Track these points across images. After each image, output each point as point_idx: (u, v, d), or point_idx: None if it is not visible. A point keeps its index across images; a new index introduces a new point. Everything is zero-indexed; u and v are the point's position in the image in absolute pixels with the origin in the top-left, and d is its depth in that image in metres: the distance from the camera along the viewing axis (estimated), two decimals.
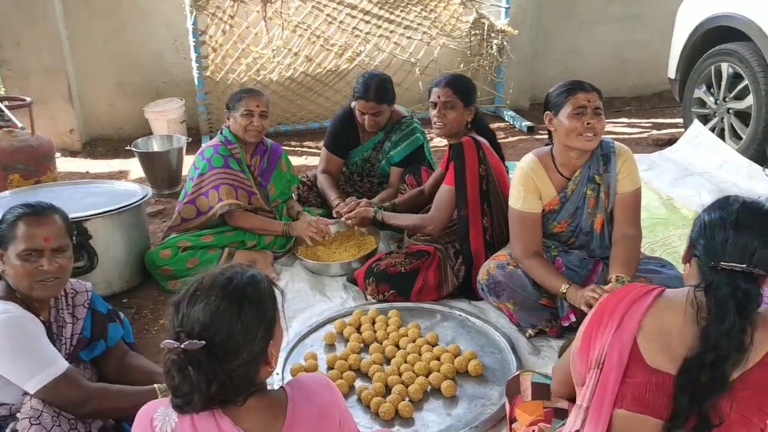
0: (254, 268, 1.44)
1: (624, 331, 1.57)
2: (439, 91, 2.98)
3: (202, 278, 1.39)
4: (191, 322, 1.33)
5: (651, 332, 1.55)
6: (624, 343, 1.55)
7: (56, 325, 2.05)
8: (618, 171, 2.67)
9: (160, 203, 4.25)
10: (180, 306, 1.35)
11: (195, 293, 1.35)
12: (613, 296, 1.67)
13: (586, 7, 6.34)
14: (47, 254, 1.92)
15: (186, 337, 1.31)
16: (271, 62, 5.36)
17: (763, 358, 1.50)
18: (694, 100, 4.82)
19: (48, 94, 5.20)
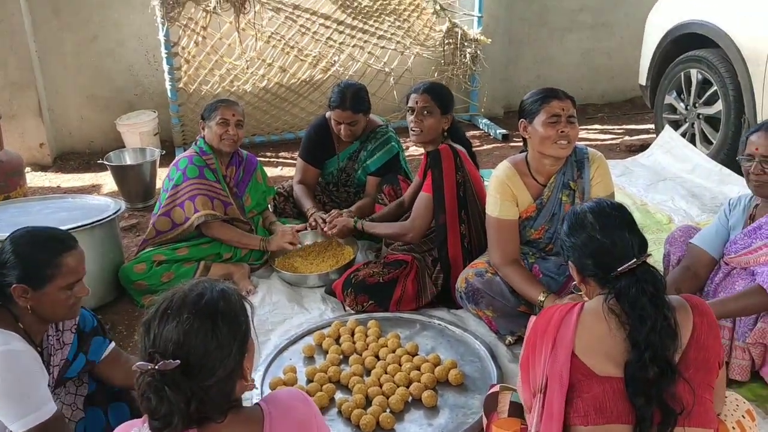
0: (223, 282, 1.42)
1: (559, 352, 1.61)
2: (417, 97, 2.98)
3: (171, 295, 1.36)
4: (164, 342, 1.30)
5: (588, 344, 1.60)
6: (561, 363, 1.60)
7: (46, 352, 2.01)
8: (591, 177, 2.70)
9: (134, 217, 4.19)
10: (151, 326, 1.33)
11: (165, 311, 1.33)
12: (539, 321, 1.72)
13: (557, 15, 6.42)
14: (82, 281, 1.95)
15: (160, 357, 1.28)
16: (245, 73, 5.33)
17: (691, 336, 1.60)
18: (665, 106, 4.89)
19: (17, 109, 5.11)
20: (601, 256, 1.67)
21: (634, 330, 1.56)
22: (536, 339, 1.68)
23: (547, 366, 1.62)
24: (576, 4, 6.42)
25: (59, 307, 1.91)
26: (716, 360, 1.63)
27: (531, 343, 1.70)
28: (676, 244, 2.71)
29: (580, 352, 1.59)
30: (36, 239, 1.92)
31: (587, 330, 1.61)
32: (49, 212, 3.14)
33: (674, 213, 3.86)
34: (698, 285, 2.55)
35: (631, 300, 1.58)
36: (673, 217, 3.80)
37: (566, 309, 1.67)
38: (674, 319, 1.57)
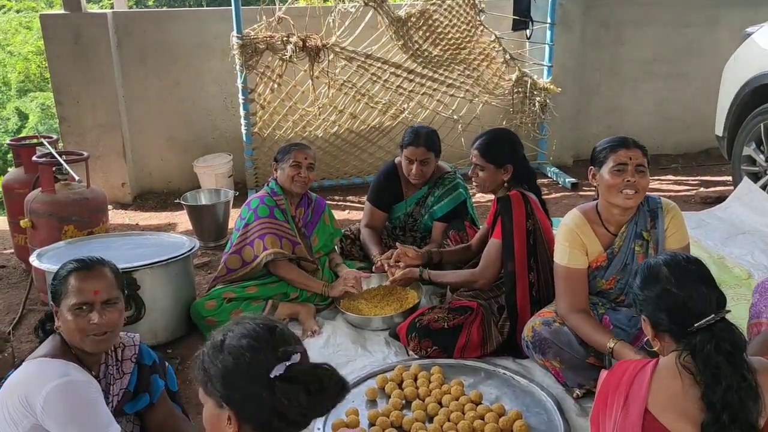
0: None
1: (631, 408, 1.56)
2: (472, 152, 3.07)
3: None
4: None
5: (663, 402, 1.55)
6: (633, 420, 1.55)
7: (105, 381, 2.07)
8: (666, 227, 2.63)
9: (206, 255, 4.32)
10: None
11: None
12: (612, 375, 1.68)
13: (630, 65, 6.37)
14: (97, 307, 1.95)
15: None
16: (317, 119, 5.49)
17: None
18: (743, 157, 4.74)
19: (102, 149, 5.41)
20: (676, 311, 1.62)
21: (708, 389, 1.50)
22: (608, 394, 1.64)
23: (618, 423, 1.57)
24: (649, 54, 6.36)
25: (73, 331, 1.92)
26: None
27: (602, 398, 1.66)
28: (766, 294, 2.57)
29: (655, 409, 1.54)
30: (68, 261, 2.02)
31: (662, 387, 1.56)
32: (129, 248, 3.27)
33: (754, 268, 3.70)
34: None
35: (705, 358, 1.52)
36: (753, 272, 3.64)
37: (640, 364, 1.63)
38: (755, 380, 1.50)
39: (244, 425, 1.35)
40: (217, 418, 1.38)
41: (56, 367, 1.88)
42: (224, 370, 1.36)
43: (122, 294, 2.05)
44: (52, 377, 1.83)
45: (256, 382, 1.34)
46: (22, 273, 4.22)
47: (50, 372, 1.86)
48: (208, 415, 1.42)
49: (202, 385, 1.42)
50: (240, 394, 1.35)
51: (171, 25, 5.56)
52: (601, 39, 6.27)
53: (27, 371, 1.90)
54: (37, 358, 1.93)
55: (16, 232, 4.15)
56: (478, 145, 3.05)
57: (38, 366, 1.90)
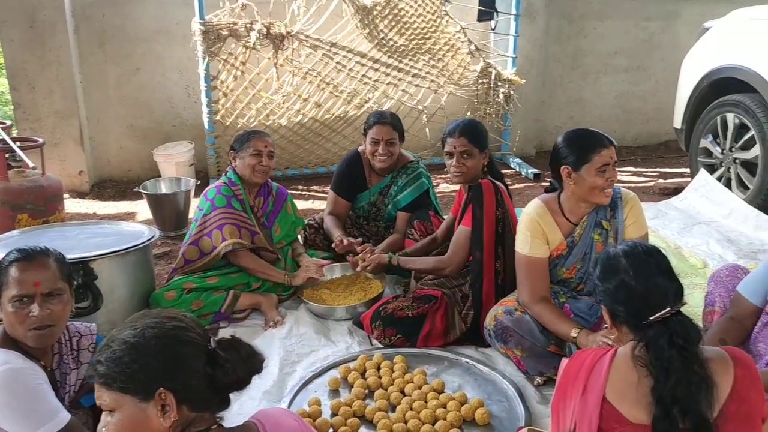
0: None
1: (589, 397, 1.58)
2: (454, 141, 2.98)
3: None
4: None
5: (621, 390, 1.57)
6: (591, 408, 1.56)
7: (60, 372, 2.02)
8: (625, 217, 2.67)
9: (167, 245, 4.25)
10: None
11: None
12: (571, 364, 1.68)
13: (592, 58, 6.45)
14: (38, 299, 1.89)
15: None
16: (281, 108, 5.43)
17: (732, 389, 1.54)
18: (700, 149, 4.85)
19: (59, 137, 5.27)
20: (633, 303, 1.63)
21: (658, 383, 1.52)
22: (567, 383, 1.65)
23: (576, 411, 1.58)
24: (611, 48, 6.46)
25: (14, 324, 1.88)
26: (759, 414, 1.56)
27: (562, 387, 1.67)
28: (721, 283, 2.62)
29: (612, 397, 1.56)
30: (10, 251, 1.96)
31: (620, 376, 1.58)
32: (85, 237, 3.19)
33: (709, 257, 3.79)
34: (744, 335, 2.44)
35: (658, 351, 1.54)
36: (708, 262, 3.73)
37: (599, 353, 1.64)
38: (708, 372, 1.52)
39: (181, 407, 1.35)
40: (143, 414, 1.33)
41: None
42: (160, 356, 1.35)
43: (69, 285, 1.98)
44: None
45: (196, 357, 1.37)
46: None
47: None
48: (124, 418, 1.34)
49: (115, 389, 1.34)
50: (181, 374, 1.35)
51: (131, 10, 5.43)
52: (565, 31, 6.34)
53: None
54: None
55: None
56: (463, 130, 2.98)
57: None
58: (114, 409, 1.34)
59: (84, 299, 2.89)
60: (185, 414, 1.36)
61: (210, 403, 1.41)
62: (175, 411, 1.34)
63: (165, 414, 1.33)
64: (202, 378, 1.37)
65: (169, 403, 1.33)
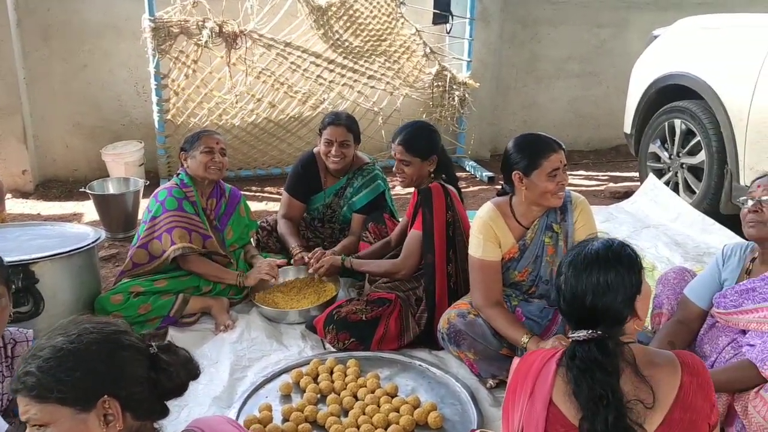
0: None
1: (537, 399, 1.57)
2: (395, 148, 3.03)
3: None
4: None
5: (565, 393, 1.56)
6: (538, 411, 1.55)
7: None
8: (575, 220, 2.71)
9: (114, 247, 4.13)
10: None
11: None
12: (521, 366, 1.67)
13: (545, 63, 6.54)
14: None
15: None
16: (234, 107, 5.34)
17: (677, 396, 1.52)
18: (649, 154, 4.95)
19: (1, 134, 5.08)
20: (565, 317, 1.65)
21: (579, 394, 1.52)
22: (517, 385, 1.64)
23: (524, 414, 1.57)
24: (564, 53, 6.55)
25: None
26: (705, 421, 1.54)
27: (512, 388, 1.66)
28: (668, 285, 2.67)
29: (558, 400, 1.55)
30: None
31: (565, 379, 1.56)
32: (27, 239, 3.08)
33: (658, 260, 3.86)
34: (691, 338, 2.48)
35: (569, 366, 1.55)
36: (657, 265, 3.80)
37: (548, 355, 1.63)
38: (624, 403, 1.49)
39: (125, 416, 1.30)
40: (83, 426, 1.27)
41: None
42: (104, 361, 1.29)
43: (7, 289, 1.91)
44: None
45: (139, 362, 1.34)
46: None
47: None
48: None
49: (51, 401, 1.26)
50: (125, 380, 1.30)
51: (78, 4, 5.25)
52: (519, 36, 6.41)
53: None
54: None
55: None
56: (401, 140, 3.00)
57: None
58: (46, 423, 1.27)
59: (24, 303, 2.79)
60: (129, 423, 1.31)
61: (153, 410, 1.36)
62: (120, 420, 1.28)
63: (109, 424, 1.28)
64: (146, 383, 1.33)
65: (113, 412, 1.28)
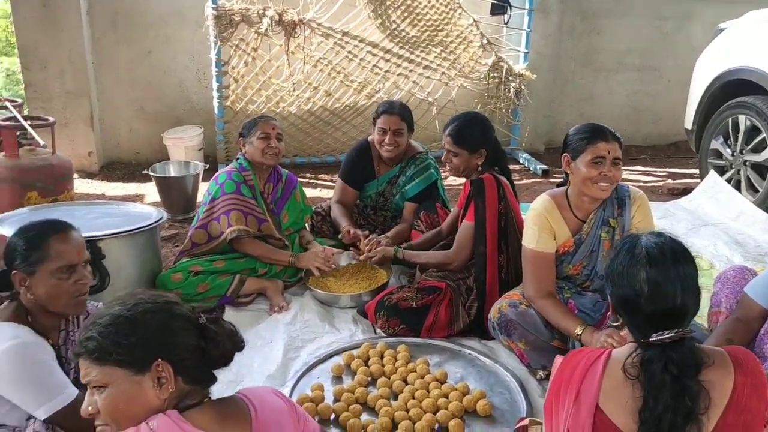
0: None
1: (582, 403, 1.52)
2: (444, 138, 3.06)
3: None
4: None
5: (613, 399, 1.51)
6: (584, 417, 1.51)
7: (65, 348, 2.04)
8: (632, 215, 2.66)
9: (174, 228, 4.27)
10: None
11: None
12: (564, 367, 1.61)
13: (605, 56, 6.42)
14: (80, 268, 1.96)
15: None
16: (291, 95, 5.43)
17: (731, 398, 1.47)
18: (710, 151, 4.82)
19: (70, 117, 5.28)
20: (638, 320, 1.54)
21: (646, 405, 1.46)
22: (561, 385, 1.58)
23: (569, 417, 1.53)
24: (624, 46, 6.43)
25: (59, 295, 1.93)
26: (760, 423, 1.49)
27: (555, 389, 1.60)
28: (728, 284, 2.61)
29: (606, 406, 1.50)
30: (29, 227, 1.99)
31: (613, 384, 1.51)
32: (94, 217, 3.20)
33: (716, 259, 3.78)
34: (750, 337, 2.42)
35: (650, 374, 1.47)
36: (715, 263, 3.72)
37: (593, 356, 1.57)
38: (698, 403, 1.44)
39: (177, 379, 1.38)
40: (138, 387, 1.35)
41: (7, 329, 1.86)
42: (157, 328, 1.38)
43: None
44: (2, 340, 1.81)
45: (189, 330, 1.41)
46: None
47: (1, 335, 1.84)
48: (117, 393, 1.35)
49: (110, 363, 1.35)
50: (177, 346, 1.39)
51: None
52: (578, 28, 6.31)
53: None
54: None
55: None
56: (451, 131, 3.03)
57: None
58: (105, 384, 1.36)
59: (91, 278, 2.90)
60: (180, 386, 1.39)
61: (202, 376, 1.44)
62: (172, 382, 1.36)
63: (162, 386, 1.36)
64: (195, 351, 1.41)
65: (166, 375, 1.36)
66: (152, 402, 1.36)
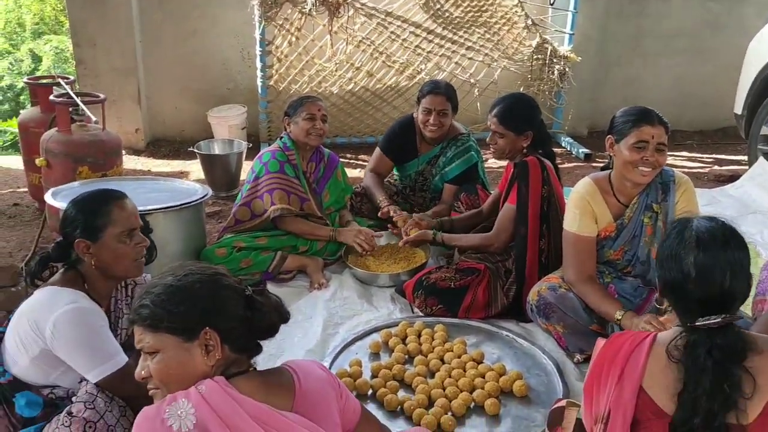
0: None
1: (626, 385, 1.53)
2: (490, 119, 3.04)
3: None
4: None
5: (658, 380, 1.52)
6: (627, 398, 1.52)
7: (114, 315, 2.12)
8: (677, 201, 2.63)
9: (218, 204, 4.36)
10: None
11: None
12: (608, 348, 1.62)
13: (651, 39, 6.28)
14: (138, 232, 2.09)
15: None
16: (333, 75, 5.46)
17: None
18: (760, 137, 4.70)
19: (117, 94, 5.40)
20: (684, 303, 1.54)
21: (686, 388, 1.47)
22: (603, 367, 1.60)
23: (611, 397, 1.54)
24: (673, 29, 6.27)
25: (122, 258, 2.04)
26: None
27: (597, 370, 1.62)
28: None
29: (650, 388, 1.51)
30: (86, 196, 2.09)
31: (658, 366, 1.52)
32: (143, 192, 3.28)
33: (762, 247, 3.69)
34: None
35: (694, 358, 1.47)
36: (761, 251, 3.64)
37: (638, 339, 1.59)
38: (738, 391, 1.44)
39: (224, 347, 1.44)
40: (187, 354, 1.42)
41: (66, 294, 1.95)
42: (205, 298, 1.44)
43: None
44: (62, 304, 1.90)
45: (235, 301, 1.47)
46: (35, 212, 4.27)
47: (60, 299, 1.93)
48: (168, 359, 1.42)
49: (162, 330, 1.42)
50: (224, 316, 1.45)
51: None
52: (625, 10, 6.17)
53: (37, 298, 1.97)
54: (47, 287, 2.00)
55: (30, 170, 4.19)
56: (497, 112, 3.01)
57: (48, 293, 1.97)
58: (157, 350, 1.43)
59: None
60: (227, 354, 1.45)
61: (248, 345, 1.50)
62: (219, 350, 1.43)
63: (209, 353, 1.42)
64: (242, 320, 1.46)
65: (213, 343, 1.42)
66: (201, 368, 1.42)
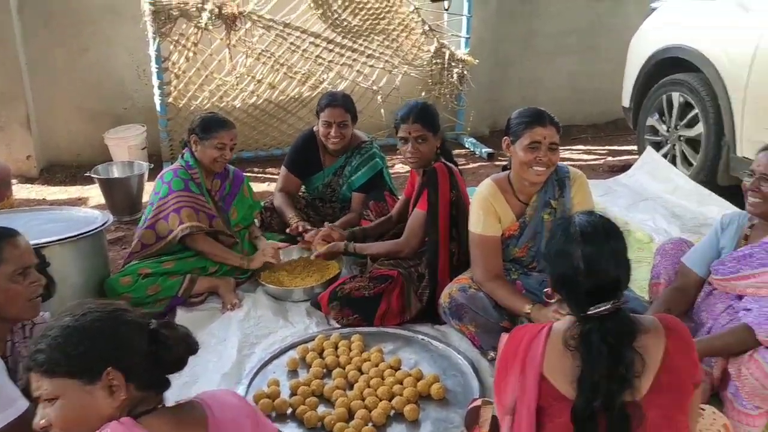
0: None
1: (528, 373, 1.59)
2: (409, 127, 3.00)
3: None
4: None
5: (557, 367, 1.59)
6: (530, 385, 1.58)
7: (12, 359, 2.00)
8: (573, 195, 2.75)
9: (121, 230, 4.20)
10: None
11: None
12: (510, 342, 1.68)
13: (543, 38, 6.53)
14: (32, 271, 1.97)
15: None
16: (235, 89, 5.37)
17: (663, 360, 1.56)
18: (647, 127, 4.98)
19: (4, 120, 5.13)
20: (575, 295, 1.61)
21: (583, 373, 1.54)
22: (507, 360, 1.66)
23: (517, 389, 1.60)
24: (562, 28, 6.54)
25: (16, 299, 1.93)
26: (690, 381, 1.60)
27: (502, 364, 1.68)
28: (666, 256, 2.73)
29: (550, 374, 1.58)
30: None
31: (556, 353, 1.59)
32: (36, 223, 3.13)
33: (655, 232, 3.92)
34: (688, 305, 2.54)
35: (588, 344, 1.54)
36: (654, 237, 3.86)
37: (536, 330, 1.65)
38: (632, 372, 1.52)
39: (129, 387, 1.39)
40: (90, 397, 1.36)
41: None
42: (105, 336, 1.39)
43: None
44: None
45: (139, 336, 1.43)
46: None
47: None
48: (69, 405, 1.36)
49: (60, 375, 1.36)
50: (127, 353, 1.40)
51: None
52: (517, 11, 6.39)
53: None
54: None
55: None
56: (417, 117, 2.99)
57: None
58: (57, 396, 1.36)
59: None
60: (133, 393, 1.40)
61: (155, 381, 1.45)
62: (124, 389, 1.38)
63: (114, 394, 1.37)
64: (146, 356, 1.42)
65: (117, 383, 1.37)
66: (105, 410, 1.37)
